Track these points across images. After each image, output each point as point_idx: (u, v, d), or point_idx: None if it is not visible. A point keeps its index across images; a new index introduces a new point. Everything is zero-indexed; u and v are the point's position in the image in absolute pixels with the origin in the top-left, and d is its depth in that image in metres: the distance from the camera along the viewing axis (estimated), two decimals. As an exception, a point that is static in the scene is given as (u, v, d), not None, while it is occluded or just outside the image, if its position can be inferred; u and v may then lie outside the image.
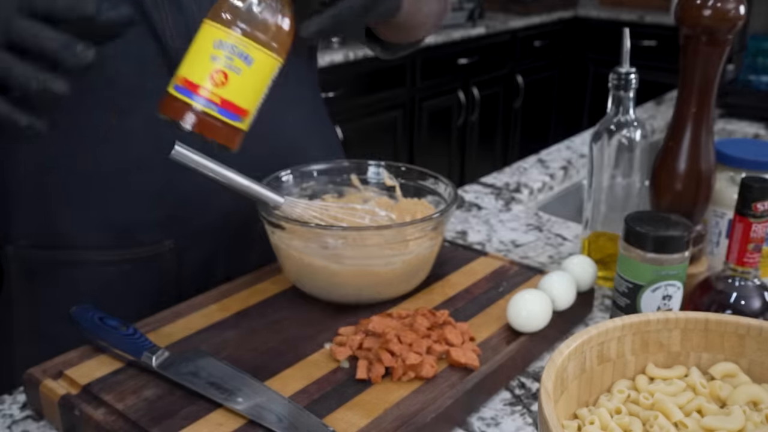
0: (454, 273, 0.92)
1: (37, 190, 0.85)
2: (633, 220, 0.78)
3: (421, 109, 3.21)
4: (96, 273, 0.87)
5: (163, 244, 0.88)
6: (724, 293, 0.78)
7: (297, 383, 0.70)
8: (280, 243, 0.83)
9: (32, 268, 0.89)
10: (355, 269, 0.80)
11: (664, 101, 1.95)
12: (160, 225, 0.87)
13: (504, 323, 0.80)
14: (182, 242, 0.88)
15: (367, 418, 0.65)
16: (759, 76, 1.86)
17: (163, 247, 0.88)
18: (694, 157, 0.85)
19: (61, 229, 0.86)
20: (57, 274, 0.88)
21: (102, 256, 0.87)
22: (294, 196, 0.92)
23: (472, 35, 3.33)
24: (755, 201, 0.74)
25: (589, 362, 0.61)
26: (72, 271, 0.87)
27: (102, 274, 0.87)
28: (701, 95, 0.84)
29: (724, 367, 0.63)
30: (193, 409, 0.66)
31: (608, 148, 0.92)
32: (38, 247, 0.88)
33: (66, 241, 0.86)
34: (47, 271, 0.88)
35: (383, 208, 0.93)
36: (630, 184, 0.93)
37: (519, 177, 1.38)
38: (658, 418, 0.57)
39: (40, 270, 0.88)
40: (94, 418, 0.64)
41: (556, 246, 1.09)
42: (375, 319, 0.77)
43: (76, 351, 0.73)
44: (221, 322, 0.80)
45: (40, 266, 0.88)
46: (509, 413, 0.72)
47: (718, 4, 0.79)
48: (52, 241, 0.87)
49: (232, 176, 0.78)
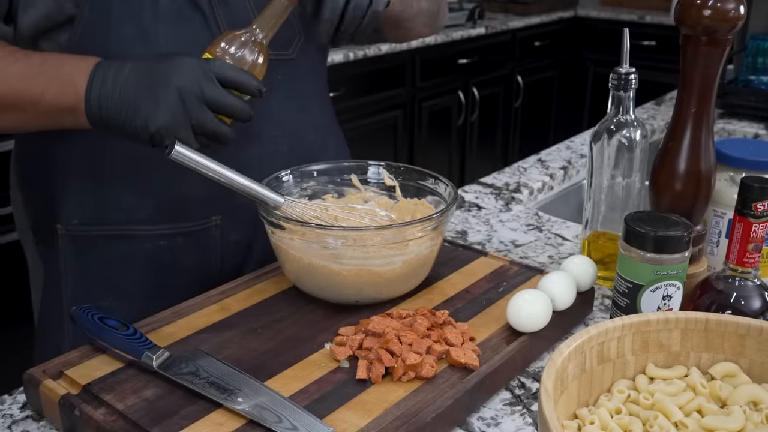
0: (454, 273, 0.92)
1: (90, 170, 0.90)
2: (633, 220, 0.78)
3: (421, 109, 3.20)
4: (147, 247, 0.92)
5: (211, 219, 0.93)
6: (724, 293, 0.78)
7: (297, 383, 0.70)
8: (280, 243, 0.83)
9: (84, 245, 0.92)
10: (355, 269, 0.80)
11: (664, 101, 1.95)
12: (209, 200, 0.91)
13: (504, 323, 0.80)
14: (227, 218, 0.93)
15: (367, 418, 0.65)
16: (759, 76, 1.86)
17: (210, 222, 0.93)
18: (694, 157, 0.85)
19: (114, 205, 0.90)
20: (110, 249, 0.92)
21: (154, 231, 0.91)
22: (294, 196, 0.92)
23: (472, 35, 3.32)
24: (755, 201, 0.74)
25: (589, 362, 0.61)
26: (123, 244, 0.92)
27: (153, 248, 0.92)
28: (701, 95, 0.84)
29: (724, 367, 0.63)
30: (193, 409, 0.66)
31: (608, 148, 0.92)
32: (91, 224, 0.91)
33: (119, 216, 0.91)
34: (100, 247, 0.92)
35: (383, 208, 0.93)
36: (630, 184, 0.93)
37: (519, 177, 1.38)
38: (658, 418, 0.57)
39: (92, 246, 0.92)
40: (95, 418, 0.64)
41: (556, 246, 1.09)
42: (375, 319, 0.77)
43: (77, 351, 0.73)
44: (221, 322, 0.80)
45: (93, 242, 0.92)
46: (509, 413, 0.72)
47: (718, 4, 0.79)
48: (106, 218, 0.91)
49: (232, 176, 0.78)
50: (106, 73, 0.78)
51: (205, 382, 0.68)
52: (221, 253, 0.95)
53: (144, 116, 0.75)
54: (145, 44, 0.84)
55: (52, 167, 0.92)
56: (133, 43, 0.84)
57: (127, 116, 0.76)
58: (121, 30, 0.84)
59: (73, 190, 0.91)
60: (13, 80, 0.79)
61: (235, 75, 0.78)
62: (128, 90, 0.76)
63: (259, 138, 0.92)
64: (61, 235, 0.92)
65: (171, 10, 0.85)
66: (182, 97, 0.75)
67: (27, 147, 0.96)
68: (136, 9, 0.84)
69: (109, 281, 0.92)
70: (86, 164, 0.90)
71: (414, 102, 3.17)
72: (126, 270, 0.92)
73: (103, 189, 0.90)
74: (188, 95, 0.75)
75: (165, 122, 0.75)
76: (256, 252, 0.98)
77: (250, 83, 0.78)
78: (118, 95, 0.76)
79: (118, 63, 0.78)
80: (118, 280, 0.92)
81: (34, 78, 0.79)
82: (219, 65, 0.77)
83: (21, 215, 1.02)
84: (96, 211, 0.91)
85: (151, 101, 0.75)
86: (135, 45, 0.84)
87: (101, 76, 0.77)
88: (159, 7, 0.84)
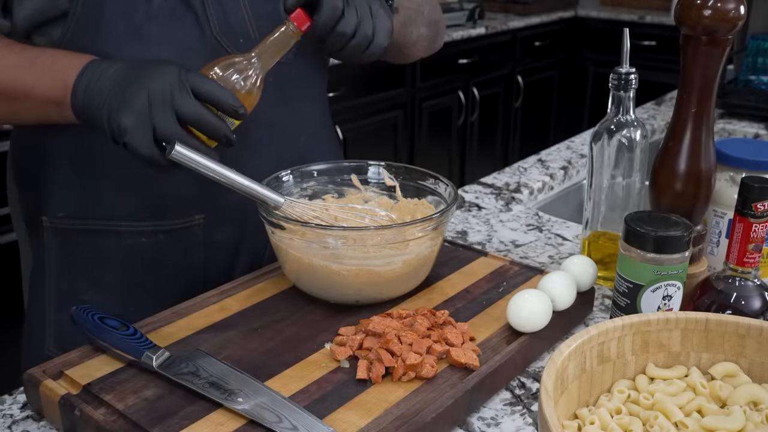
0: (455, 273, 0.92)
1: (77, 164, 0.91)
2: (633, 220, 0.78)
3: (421, 109, 3.20)
4: (128, 243, 0.92)
5: (194, 218, 0.93)
6: (725, 293, 0.78)
7: (297, 383, 0.70)
8: (280, 243, 0.83)
9: (68, 238, 0.93)
10: (355, 269, 0.80)
11: (664, 101, 1.95)
12: (192, 199, 0.91)
13: (504, 323, 0.80)
14: (211, 218, 0.93)
15: (367, 418, 0.65)
16: (759, 76, 1.86)
17: (193, 221, 0.93)
18: (694, 157, 0.85)
19: (99, 201, 0.91)
20: (92, 244, 0.93)
21: (136, 227, 0.92)
22: (294, 196, 0.92)
23: (473, 35, 3.33)
24: (755, 201, 0.74)
25: (589, 362, 0.61)
26: (105, 240, 0.92)
27: (134, 244, 0.92)
28: (701, 95, 0.84)
29: (724, 367, 0.63)
30: (193, 409, 0.66)
31: (608, 148, 0.92)
32: (75, 218, 0.92)
33: (103, 212, 0.91)
34: (83, 241, 0.93)
35: (383, 208, 0.93)
36: (630, 184, 0.93)
37: (519, 177, 1.38)
38: (659, 418, 0.57)
39: (76, 240, 0.93)
40: (95, 418, 0.64)
41: (556, 246, 1.09)
42: (375, 319, 0.77)
43: (77, 351, 0.73)
44: (221, 322, 0.80)
45: (76, 236, 0.93)
46: (509, 413, 0.72)
47: (719, 4, 0.79)
48: (90, 213, 0.92)
49: (232, 176, 0.78)
50: (95, 69, 0.78)
51: (205, 382, 0.68)
52: (204, 252, 0.95)
53: (111, 110, 0.75)
54: (137, 42, 0.84)
55: (43, 161, 0.93)
56: (125, 40, 0.84)
57: (99, 109, 0.77)
58: (113, 27, 0.84)
59: (61, 184, 0.92)
60: (8, 70, 0.81)
61: (210, 89, 0.75)
62: (107, 85, 0.77)
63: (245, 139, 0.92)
64: (46, 228, 0.93)
65: (163, 9, 0.85)
66: (150, 99, 0.74)
67: (23, 140, 0.97)
68: (129, 7, 0.84)
69: (90, 275, 0.93)
70: (74, 158, 0.91)
71: (414, 102, 3.17)
72: (107, 265, 0.93)
73: (89, 183, 0.91)
74: (156, 99, 0.74)
75: (128, 121, 0.74)
76: (244, 254, 0.97)
77: (225, 100, 0.75)
78: (99, 89, 0.77)
79: (109, 62, 0.79)
80: (99, 275, 0.93)
81: (28, 69, 0.81)
82: (198, 78, 0.76)
83: (17, 209, 1.04)
84: (80, 205, 0.92)
85: (121, 97, 0.75)
86: (126, 42, 0.84)
87: (91, 72, 0.78)
88: (152, 5, 0.84)
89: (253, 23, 0.90)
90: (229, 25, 0.88)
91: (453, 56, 3.29)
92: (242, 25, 0.89)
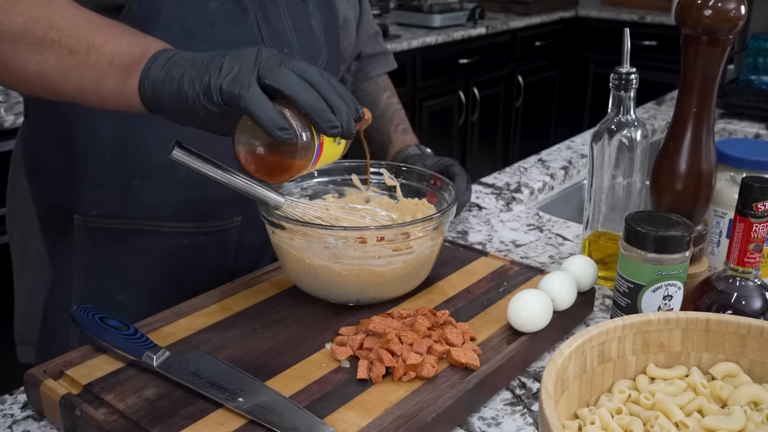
0: (455, 273, 0.92)
1: (117, 162, 0.90)
2: (633, 220, 0.78)
3: (422, 109, 3.20)
4: (170, 243, 0.92)
5: (233, 220, 0.94)
6: (725, 293, 0.78)
7: (297, 383, 0.70)
8: (281, 243, 0.83)
9: (101, 238, 0.92)
10: (355, 269, 0.80)
11: (665, 101, 1.95)
12: (232, 201, 0.91)
13: (505, 323, 0.80)
14: (246, 219, 0.95)
15: (367, 418, 0.65)
16: (759, 76, 1.86)
17: (232, 223, 0.94)
18: (694, 157, 0.85)
19: (139, 200, 0.91)
20: (130, 244, 0.92)
21: (179, 228, 0.92)
22: (295, 196, 0.92)
23: (473, 35, 3.32)
24: (756, 201, 0.74)
25: (589, 362, 0.61)
26: (145, 240, 0.92)
27: (176, 245, 0.93)
28: (702, 95, 0.84)
29: (724, 367, 0.63)
30: (193, 409, 0.66)
31: (609, 148, 0.92)
32: (112, 217, 0.92)
33: (146, 212, 0.91)
34: (117, 240, 0.92)
35: (384, 208, 0.93)
36: (630, 184, 0.93)
37: (520, 177, 1.38)
38: (659, 418, 0.57)
39: (110, 239, 0.92)
40: (95, 418, 0.64)
41: (557, 246, 1.09)
42: (376, 319, 0.77)
43: (77, 351, 0.73)
44: (222, 322, 0.80)
45: (110, 235, 0.92)
46: (510, 413, 0.72)
47: (719, 4, 0.79)
48: (128, 212, 0.91)
49: (232, 177, 0.78)
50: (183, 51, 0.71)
51: (205, 381, 0.68)
52: (236, 253, 0.96)
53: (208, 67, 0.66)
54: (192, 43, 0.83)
55: (76, 158, 0.90)
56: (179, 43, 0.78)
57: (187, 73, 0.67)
58: (168, 29, 0.83)
59: (96, 182, 0.90)
60: (81, 21, 0.72)
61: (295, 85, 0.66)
62: (201, 56, 0.68)
63: None
64: (77, 226, 0.92)
65: (221, 13, 0.84)
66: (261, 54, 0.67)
67: (42, 131, 0.93)
68: (185, 10, 0.83)
69: (125, 275, 0.93)
70: (112, 156, 0.89)
71: (414, 102, 3.17)
72: (144, 265, 0.93)
73: (130, 183, 0.90)
74: (269, 54, 0.67)
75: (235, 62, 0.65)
76: (267, 255, 0.99)
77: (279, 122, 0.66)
78: (189, 57, 0.68)
79: None
80: (134, 275, 0.93)
81: (103, 28, 0.72)
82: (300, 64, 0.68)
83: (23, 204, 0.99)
84: (118, 204, 0.91)
85: (221, 57, 0.67)
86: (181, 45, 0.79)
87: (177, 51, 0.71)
88: (208, 9, 0.84)
89: (293, 35, 0.91)
90: (277, 36, 0.89)
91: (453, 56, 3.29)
92: (285, 37, 0.90)
